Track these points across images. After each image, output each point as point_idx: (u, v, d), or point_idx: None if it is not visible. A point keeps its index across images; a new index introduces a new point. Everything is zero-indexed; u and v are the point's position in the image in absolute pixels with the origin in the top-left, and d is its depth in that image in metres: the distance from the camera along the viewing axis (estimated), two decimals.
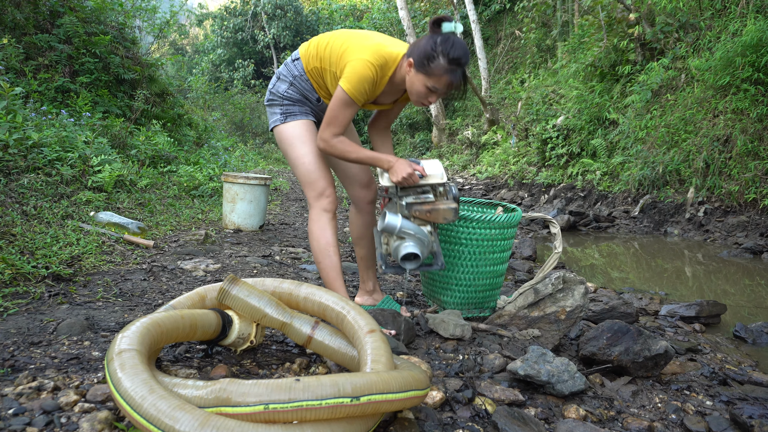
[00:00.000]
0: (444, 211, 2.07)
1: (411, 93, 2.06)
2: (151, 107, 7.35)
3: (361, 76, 1.99)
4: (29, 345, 1.68)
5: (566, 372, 1.72)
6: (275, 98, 2.28)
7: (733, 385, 2.11)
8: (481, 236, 2.36)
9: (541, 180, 9.73)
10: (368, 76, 2.00)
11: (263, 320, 1.61)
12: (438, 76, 1.95)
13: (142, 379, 1.12)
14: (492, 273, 2.44)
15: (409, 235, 2.01)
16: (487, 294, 2.48)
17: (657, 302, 3.52)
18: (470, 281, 2.42)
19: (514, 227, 2.45)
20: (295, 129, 2.25)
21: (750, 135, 6.30)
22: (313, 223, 2.24)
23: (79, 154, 4.36)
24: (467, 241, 2.37)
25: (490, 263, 2.42)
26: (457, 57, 1.92)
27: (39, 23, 6.48)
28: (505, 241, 2.42)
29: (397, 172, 2.05)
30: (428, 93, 2.01)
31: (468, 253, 2.39)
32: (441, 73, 1.94)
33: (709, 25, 7.92)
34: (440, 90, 1.99)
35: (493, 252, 2.41)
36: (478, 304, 2.49)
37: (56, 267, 2.49)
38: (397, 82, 2.11)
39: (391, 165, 2.08)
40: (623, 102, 8.74)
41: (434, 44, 1.93)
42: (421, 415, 1.46)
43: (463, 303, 2.48)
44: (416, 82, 2.00)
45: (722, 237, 5.88)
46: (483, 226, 2.36)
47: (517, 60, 15.88)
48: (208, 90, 16.33)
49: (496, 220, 2.36)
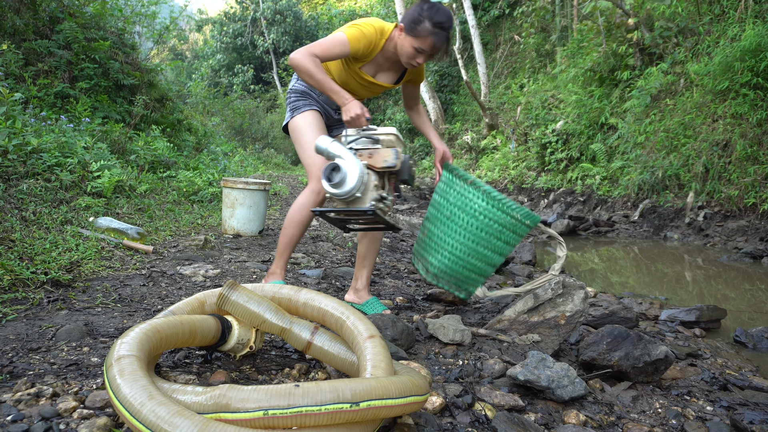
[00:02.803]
0: (384, 153, 2.07)
1: (401, 55, 2.31)
2: (150, 112, 7.36)
3: (361, 29, 2.26)
4: (28, 351, 1.68)
5: (566, 377, 1.72)
6: (288, 96, 2.57)
7: (734, 391, 2.10)
8: (494, 217, 2.29)
9: (541, 184, 9.74)
10: (368, 31, 2.26)
11: (262, 326, 1.61)
12: (423, 38, 2.21)
13: (141, 385, 1.12)
14: (486, 258, 2.37)
15: (339, 157, 2.04)
16: (472, 276, 2.40)
17: (657, 307, 3.51)
18: (463, 254, 2.35)
19: (527, 227, 2.37)
20: (301, 119, 2.46)
21: (749, 139, 6.31)
22: (300, 197, 2.43)
23: (78, 159, 4.36)
24: (479, 215, 2.30)
25: (490, 247, 2.35)
26: (441, 21, 2.18)
27: (38, 29, 6.49)
28: (513, 234, 2.35)
29: (348, 111, 2.18)
30: (415, 54, 2.26)
31: (475, 226, 2.31)
32: (426, 35, 2.20)
33: (708, 30, 7.94)
34: (425, 51, 2.24)
35: (499, 239, 2.33)
36: (459, 281, 2.41)
37: (55, 273, 2.48)
38: (389, 52, 2.36)
39: (345, 103, 2.20)
40: (622, 107, 8.76)
41: (421, 10, 2.21)
42: (421, 420, 1.45)
43: (446, 272, 2.40)
44: (405, 44, 2.26)
45: (722, 241, 5.88)
46: (500, 208, 2.29)
47: (516, 65, 15.91)
48: (208, 95, 16.35)
49: (515, 208, 2.30)
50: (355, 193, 2.01)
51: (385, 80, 2.50)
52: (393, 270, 3.80)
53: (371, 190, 2.06)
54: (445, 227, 2.39)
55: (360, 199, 2.05)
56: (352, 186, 1.99)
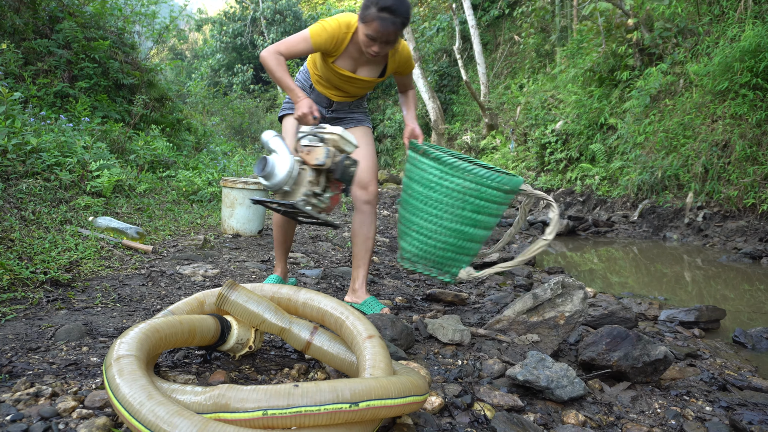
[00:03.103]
0: (318, 151, 2.10)
1: (361, 46, 2.30)
2: (150, 112, 7.35)
3: (323, 25, 2.30)
4: (27, 351, 1.68)
5: (565, 377, 1.72)
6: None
7: (733, 391, 2.10)
8: (452, 185, 2.17)
9: (540, 185, 9.74)
10: (330, 26, 2.29)
11: (262, 325, 1.61)
12: (370, 23, 2.17)
13: (140, 384, 1.12)
14: (458, 233, 2.25)
15: (274, 152, 2.12)
16: (448, 255, 2.30)
17: (656, 307, 3.52)
18: (430, 232, 2.25)
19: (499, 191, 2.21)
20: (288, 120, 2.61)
21: (749, 140, 6.32)
22: None
23: (77, 159, 4.36)
24: (436, 186, 2.20)
25: (457, 220, 2.22)
26: (387, 6, 2.13)
27: (38, 28, 6.49)
28: (483, 201, 2.21)
29: (297, 109, 2.25)
30: (369, 42, 2.23)
31: (434, 199, 2.21)
32: (371, 20, 2.16)
33: (708, 30, 7.95)
34: (372, 35, 2.19)
35: (464, 209, 2.20)
36: (437, 263, 2.32)
37: (54, 272, 2.48)
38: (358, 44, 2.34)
39: (297, 101, 2.28)
40: (622, 107, 8.76)
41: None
42: (420, 420, 1.45)
43: (420, 255, 2.32)
44: (360, 33, 2.26)
45: (721, 242, 5.88)
46: (456, 174, 2.17)
47: (515, 65, 15.91)
48: (207, 95, 16.34)
49: (472, 172, 2.16)
50: (284, 187, 2.07)
51: (367, 74, 2.48)
52: (392, 270, 3.80)
53: (304, 186, 2.10)
54: (411, 207, 2.32)
55: (291, 193, 2.11)
56: (279, 179, 2.05)
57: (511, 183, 2.24)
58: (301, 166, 2.10)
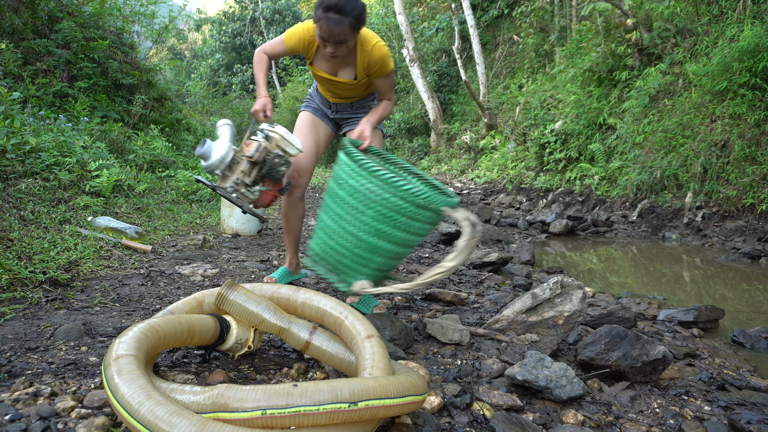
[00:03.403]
0: (251, 145, 2.25)
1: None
2: (149, 112, 7.35)
3: (294, 28, 2.42)
4: (26, 350, 1.68)
5: (564, 377, 1.72)
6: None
7: (732, 390, 2.11)
8: (357, 184, 2.00)
9: (539, 185, 9.74)
10: (299, 29, 2.40)
11: (261, 325, 1.61)
12: (318, 24, 2.18)
13: (139, 384, 1.12)
14: (358, 240, 2.04)
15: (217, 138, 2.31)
16: (345, 262, 2.10)
17: (655, 307, 3.52)
18: (333, 233, 2.09)
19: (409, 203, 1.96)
20: (298, 119, 2.76)
21: (747, 140, 6.32)
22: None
23: (77, 158, 4.35)
24: (344, 183, 2.05)
25: (358, 225, 2.02)
26: (332, 5, 2.12)
27: (37, 28, 6.49)
28: (387, 210, 1.97)
29: (254, 105, 2.45)
30: (322, 43, 2.24)
31: (340, 197, 2.07)
32: (318, 20, 2.17)
33: (707, 30, 7.95)
34: (322, 36, 2.19)
35: (365, 213, 2.00)
36: (335, 267, 2.14)
37: (54, 272, 2.48)
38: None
39: (258, 98, 2.47)
40: (621, 107, 8.76)
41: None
42: (419, 420, 1.45)
43: (321, 256, 2.16)
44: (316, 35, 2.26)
45: (720, 242, 5.89)
46: (361, 174, 1.99)
47: (515, 65, 15.91)
48: (207, 95, 16.34)
49: (379, 174, 1.96)
50: (215, 170, 2.23)
51: (345, 77, 2.50)
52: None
53: (236, 174, 2.24)
54: (324, 204, 2.21)
55: (224, 179, 2.26)
56: (211, 162, 2.21)
57: (426, 198, 1.98)
58: (240, 156, 2.26)
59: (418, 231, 2.08)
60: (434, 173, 14.73)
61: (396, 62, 19.18)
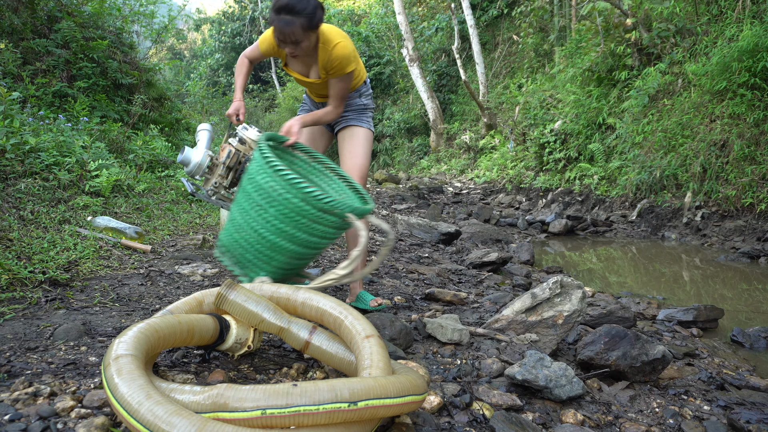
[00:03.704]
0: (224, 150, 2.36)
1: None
2: (148, 112, 7.35)
3: (266, 33, 2.45)
4: (26, 350, 1.68)
5: (564, 377, 1.72)
6: None
7: (731, 390, 2.11)
8: (262, 180, 1.99)
9: (539, 184, 9.75)
10: (268, 33, 2.42)
11: (261, 325, 1.61)
12: (273, 27, 2.21)
13: (138, 384, 1.12)
14: (260, 237, 2.04)
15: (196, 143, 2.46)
16: (248, 256, 2.10)
17: (654, 307, 3.52)
18: (238, 226, 2.10)
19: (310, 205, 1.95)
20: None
21: (747, 140, 6.33)
22: None
23: (76, 158, 4.35)
24: (251, 178, 2.06)
25: (261, 223, 2.02)
26: (283, 5, 2.13)
27: (36, 28, 6.48)
28: (291, 212, 1.97)
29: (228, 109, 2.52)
30: (279, 43, 2.25)
31: (247, 191, 2.07)
32: (271, 22, 2.20)
33: (706, 30, 7.95)
34: (278, 37, 2.21)
35: (267, 211, 1.99)
36: (238, 261, 2.15)
37: (53, 272, 2.48)
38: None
39: (233, 102, 2.55)
40: (620, 107, 8.77)
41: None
42: (419, 420, 1.45)
43: (227, 248, 2.18)
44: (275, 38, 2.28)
45: (719, 241, 5.89)
46: (266, 171, 1.97)
47: (514, 65, 15.92)
48: (206, 95, 16.33)
49: (282, 174, 1.94)
50: (195, 176, 2.36)
51: (314, 77, 2.51)
52: (391, 269, 3.80)
53: (214, 177, 2.36)
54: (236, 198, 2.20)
55: (206, 183, 2.40)
56: (189, 167, 2.34)
57: (329, 203, 1.96)
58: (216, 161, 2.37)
59: (323, 234, 2.07)
60: (434, 173, 14.74)
61: (395, 62, 19.19)
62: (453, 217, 7.90)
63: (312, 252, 2.16)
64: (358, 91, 2.65)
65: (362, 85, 2.65)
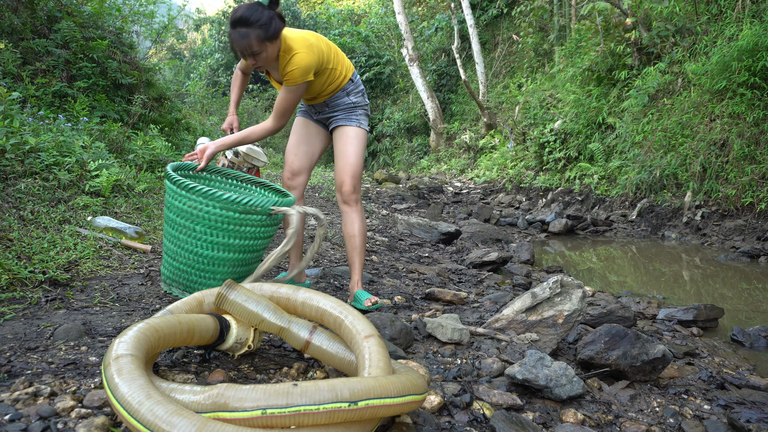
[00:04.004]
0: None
1: None
2: (148, 112, 7.34)
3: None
4: (26, 350, 1.68)
5: (564, 376, 1.72)
6: None
7: (731, 389, 2.11)
8: (180, 204, 2.11)
9: (539, 184, 9.75)
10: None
11: (261, 325, 1.61)
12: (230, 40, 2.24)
13: (139, 384, 1.12)
14: (197, 256, 2.16)
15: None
16: (193, 278, 2.24)
17: (655, 306, 3.52)
18: (174, 254, 2.21)
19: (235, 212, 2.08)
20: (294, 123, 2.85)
21: (747, 139, 6.33)
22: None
23: (76, 158, 4.35)
24: (170, 206, 2.16)
25: (194, 243, 2.14)
26: (235, 19, 2.17)
27: (36, 28, 6.48)
28: (217, 222, 2.10)
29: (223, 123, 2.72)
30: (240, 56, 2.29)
31: (171, 219, 2.18)
32: (228, 36, 2.23)
33: (706, 29, 7.95)
34: (233, 50, 2.25)
35: (194, 230, 2.12)
36: (186, 287, 2.27)
37: (53, 272, 2.48)
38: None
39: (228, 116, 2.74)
40: (620, 106, 8.77)
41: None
42: (419, 419, 1.45)
43: (172, 278, 2.28)
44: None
45: (719, 241, 5.89)
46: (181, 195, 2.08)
47: (514, 64, 15.92)
48: (206, 94, 16.33)
49: (195, 190, 2.06)
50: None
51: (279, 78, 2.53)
52: (391, 269, 3.80)
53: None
54: (164, 228, 2.31)
55: None
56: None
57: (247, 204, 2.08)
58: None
59: (255, 235, 2.18)
60: (434, 173, 14.74)
61: (395, 62, 19.19)
62: (453, 217, 7.90)
63: (252, 255, 2.28)
64: (344, 90, 2.62)
65: (348, 83, 2.62)
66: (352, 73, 2.64)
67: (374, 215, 6.76)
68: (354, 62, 19.03)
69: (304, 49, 2.29)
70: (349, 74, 2.60)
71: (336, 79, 2.55)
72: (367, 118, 2.72)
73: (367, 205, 7.54)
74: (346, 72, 2.59)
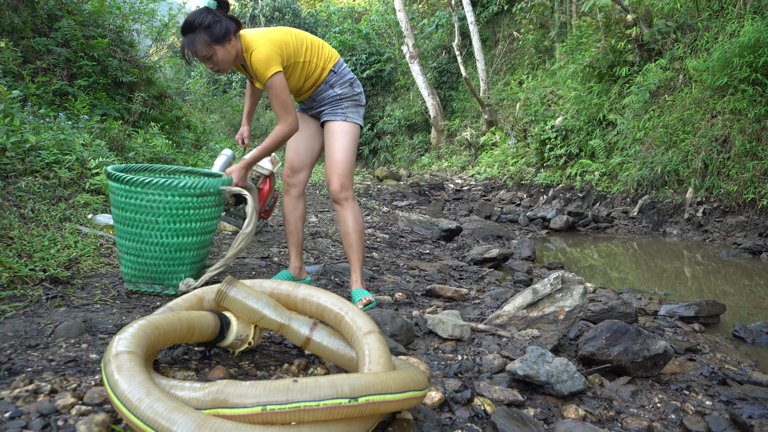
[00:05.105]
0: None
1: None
2: (149, 110, 7.34)
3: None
4: (26, 348, 1.68)
5: (565, 372, 1.72)
6: None
7: (733, 385, 2.11)
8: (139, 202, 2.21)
9: (540, 181, 9.73)
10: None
11: (261, 322, 1.61)
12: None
13: (139, 381, 1.12)
14: (164, 246, 2.28)
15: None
16: (162, 269, 2.33)
17: (656, 302, 3.52)
18: (138, 251, 2.29)
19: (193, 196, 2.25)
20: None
21: (748, 135, 6.31)
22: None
23: (77, 156, 4.35)
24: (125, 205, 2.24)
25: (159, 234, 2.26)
26: (183, 26, 2.21)
27: (37, 27, 6.48)
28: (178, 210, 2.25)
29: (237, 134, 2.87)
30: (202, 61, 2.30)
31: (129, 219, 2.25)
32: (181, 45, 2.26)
33: (707, 25, 7.93)
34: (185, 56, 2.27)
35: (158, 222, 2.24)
36: (154, 279, 2.36)
37: (54, 269, 2.48)
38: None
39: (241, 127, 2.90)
40: (621, 103, 8.75)
41: None
42: (420, 415, 1.45)
43: (138, 275, 2.35)
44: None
45: (721, 237, 5.88)
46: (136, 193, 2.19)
47: (515, 61, 15.89)
48: (207, 92, 16.33)
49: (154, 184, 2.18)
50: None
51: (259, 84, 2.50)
52: (392, 266, 3.80)
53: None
54: (117, 230, 2.37)
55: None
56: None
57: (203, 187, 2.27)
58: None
59: (211, 215, 2.38)
60: (435, 170, 14.72)
61: (396, 59, 19.16)
62: (454, 214, 7.89)
63: (210, 236, 2.45)
64: (327, 83, 2.55)
65: (330, 74, 2.54)
66: (334, 64, 2.55)
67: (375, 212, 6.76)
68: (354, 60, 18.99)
69: (261, 42, 2.27)
70: (329, 65, 2.52)
71: (313, 72, 2.49)
72: (356, 109, 2.62)
73: (368, 202, 7.54)
74: (325, 64, 2.51)
